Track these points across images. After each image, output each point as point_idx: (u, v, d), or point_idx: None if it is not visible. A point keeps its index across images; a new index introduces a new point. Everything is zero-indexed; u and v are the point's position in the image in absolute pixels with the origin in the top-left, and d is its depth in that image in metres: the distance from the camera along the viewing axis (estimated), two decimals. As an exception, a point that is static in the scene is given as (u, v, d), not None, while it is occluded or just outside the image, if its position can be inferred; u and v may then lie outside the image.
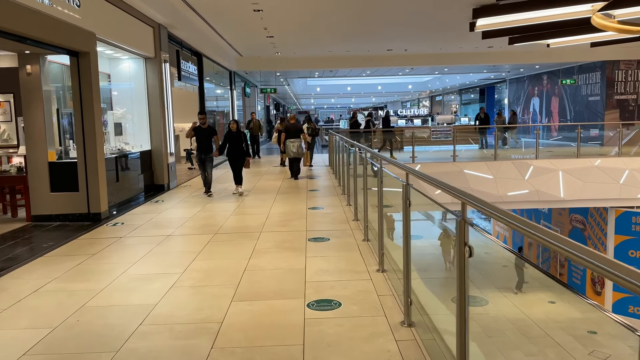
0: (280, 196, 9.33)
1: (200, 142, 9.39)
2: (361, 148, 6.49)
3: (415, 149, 15.36)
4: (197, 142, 9.46)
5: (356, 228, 6.47)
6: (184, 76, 12.19)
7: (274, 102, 41.97)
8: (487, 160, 15.22)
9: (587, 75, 21.42)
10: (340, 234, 6.15)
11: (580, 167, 14.79)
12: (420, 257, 4.92)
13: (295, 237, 6.07)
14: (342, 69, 21.77)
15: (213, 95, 17.39)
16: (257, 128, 17.94)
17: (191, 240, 6.12)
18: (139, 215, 7.77)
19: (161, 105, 10.33)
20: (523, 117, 27.52)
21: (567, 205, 15.41)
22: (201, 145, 9.40)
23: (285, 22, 12.60)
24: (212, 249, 5.63)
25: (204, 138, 9.37)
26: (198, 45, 13.89)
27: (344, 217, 7.26)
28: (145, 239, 6.22)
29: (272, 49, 17.21)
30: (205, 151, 9.41)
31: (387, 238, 4.87)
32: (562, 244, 1.51)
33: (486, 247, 4.10)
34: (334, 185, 10.69)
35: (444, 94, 40.60)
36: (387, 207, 4.84)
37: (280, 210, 7.86)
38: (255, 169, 14.51)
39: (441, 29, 14.32)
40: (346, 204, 8.25)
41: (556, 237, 1.58)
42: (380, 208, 4.75)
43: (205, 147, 9.41)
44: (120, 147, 9.19)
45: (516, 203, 15.30)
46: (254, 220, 7.10)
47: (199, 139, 9.37)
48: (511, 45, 15.84)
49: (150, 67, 10.19)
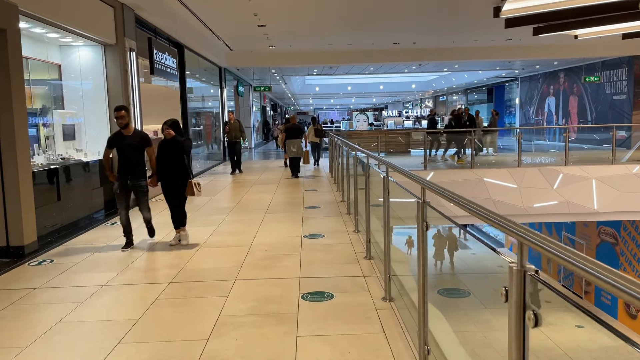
0: (270, 217, 7.44)
1: (123, 159, 5.69)
2: (379, 162, 4.58)
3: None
4: (119, 160, 5.77)
5: (370, 273, 4.58)
6: (158, 69, 10.30)
7: (271, 103, 40.06)
8: (509, 167, 13.35)
9: (611, 72, 19.56)
10: (349, 286, 4.26)
11: (615, 174, 12.92)
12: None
13: (283, 290, 4.18)
14: (343, 64, 19.87)
15: (199, 95, 15.48)
16: (236, 132, 13.08)
17: (127, 298, 4.21)
18: (80, 247, 5.87)
19: (125, 103, 8.44)
20: (537, 117, 25.66)
21: (601, 218, 13.53)
22: (125, 164, 5.68)
23: (277, 6, 10.72)
24: (154, 317, 3.73)
25: (128, 152, 5.66)
26: (178, 34, 12.01)
27: (351, 251, 5.37)
28: (67, 292, 4.33)
29: (266, 42, 15.31)
30: (133, 174, 5.69)
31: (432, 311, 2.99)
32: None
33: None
34: (336, 200, 8.80)
35: (449, 94, 38.79)
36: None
37: (266, 240, 5.96)
38: (247, 176, 12.61)
39: (458, 17, 12.45)
40: (353, 229, 6.36)
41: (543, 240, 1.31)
42: (423, 260, 2.86)
43: (131, 167, 5.68)
44: (67, 155, 7.30)
45: (544, 216, 13.43)
46: (228, 258, 5.20)
47: (121, 154, 5.70)
48: (530, 39, 14.07)
49: (110, 56, 8.31)
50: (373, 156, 4.79)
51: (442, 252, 5.11)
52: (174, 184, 5.79)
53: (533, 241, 1.52)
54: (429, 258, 2.88)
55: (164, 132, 5.71)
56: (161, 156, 5.75)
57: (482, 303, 4.20)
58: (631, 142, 17.61)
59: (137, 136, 5.79)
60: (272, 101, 40.12)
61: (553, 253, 1.36)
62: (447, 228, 4.24)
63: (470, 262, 4.50)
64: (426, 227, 2.56)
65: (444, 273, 4.40)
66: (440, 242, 4.87)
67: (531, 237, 1.53)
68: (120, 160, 5.76)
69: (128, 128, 5.70)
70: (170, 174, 5.76)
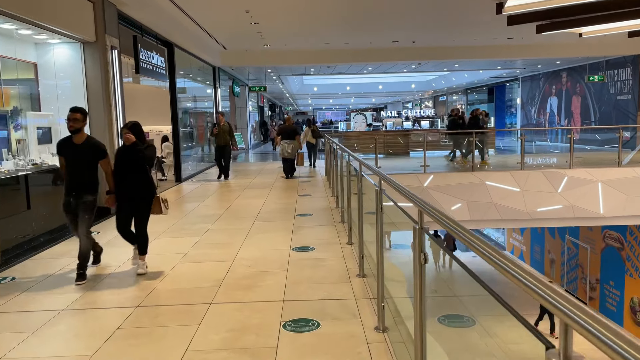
0: (258, 225, 6.94)
1: (69, 172, 4.75)
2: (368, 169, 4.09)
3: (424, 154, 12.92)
4: (65, 172, 4.81)
5: (363, 295, 4.09)
6: (144, 68, 9.80)
7: (269, 103, 39.53)
8: (511, 169, 12.86)
9: (615, 72, 19.06)
10: (338, 311, 3.77)
11: (622, 177, 12.43)
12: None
13: (263, 317, 3.69)
14: (340, 64, 19.37)
15: (191, 95, 14.97)
16: (225, 135, 11.90)
17: (85, 327, 3.70)
18: (47, 262, 5.38)
19: (106, 104, 7.96)
20: (538, 118, 25.17)
21: (608, 223, 13.06)
22: (72, 178, 4.74)
23: (270, 3, 10.23)
24: (110, 353, 3.22)
25: (76, 165, 4.73)
26: (167, 32, 11.51)
27: (342, 267, 4.88)
28: (20, 318, 3.83)
29: (260, 40, 14.82)
30: (79, 189, 4.70)
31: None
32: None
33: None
34: (330, 206, 8.31)
35: (448, 94, 38.31)
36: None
37: (251, 254, 5.47)
38: (241, 180, 12.12)
39: (458, 14, 11.96)
40: (346, 241, 5.87)
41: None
42: (421, 301, 2.38)
43: (78, 183, 4.71)
44: (41, 160, 6.81)
45: (548, 220, 12.95)
46: (206, 276, 4.71)
47: (68, 166, 4.77)
48: (533, 37, 13.57)
49: (90, 54, 7.81)
50: (366, 165, 4.30)
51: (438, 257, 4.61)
52: (133, 198, 4.81)
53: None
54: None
55: (122, 137, 4.82)
56: (119, 166, 4.82)
57: (487, 332, 3.72)
58: (636, 143, 17.14)
59: (89, 146, 4.75)
60: (270, 101, 39.60)
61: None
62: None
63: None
64: (424, 259, 2.07)
65: (445, 295, 3.92)
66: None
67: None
68: (67, 173, 4.76)
69: (80, 135, 4.73)
70: (130, 189, 4.80)
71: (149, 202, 4.88)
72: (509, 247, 21.52)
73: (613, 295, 14.93)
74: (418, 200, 2.12)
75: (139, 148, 4.75)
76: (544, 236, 18.33)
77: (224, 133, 11.87)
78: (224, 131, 11.89)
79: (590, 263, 15.95)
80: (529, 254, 19.76)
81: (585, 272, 16.15)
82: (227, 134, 11.92)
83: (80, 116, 4.73)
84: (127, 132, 4.75)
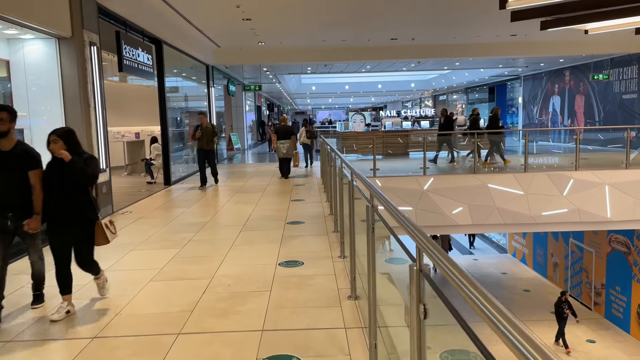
0: (245, 235, 6.43)
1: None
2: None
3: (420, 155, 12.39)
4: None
5: (354, 323, 3.58)
6: (128, 66, 9.27)
7: (267, 102, 38.99)
8: (515, 171, 12.35)
9: (620, 70, 18.54)
10: (324, 345, 3.25)
11: (630, 180, 11.94)
12: None
13: (236, 352, 3.17)
14: (337, 62, 18.85)
15: (182, 94, 14.43)
16: (209, 137, 10.77)
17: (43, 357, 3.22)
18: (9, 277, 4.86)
19: (84, 105, 7.44)
20: (540, 117, 24.65)
21: (615, 227, 12.54)
22: (3, 193, 3.87)
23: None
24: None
25: (7, 175, 3.85)
26: (155, 29, 10.97)
27: (333, 287, 4.37)
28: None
29: (254, 38, 14.31)
30: (15, 209, 3.88)
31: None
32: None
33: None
34: (324, 213, 7.79)
35: (449, 93, 37.81)
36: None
37: (233, 270, 4.95)
38: (233, 182, 11.61)
39: (460, 10, 11.46)
40: (339, 254, 5.36)
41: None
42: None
43: (9, 197, 3.88)
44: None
45: (553, 225, 12.43)
46: (179, 298, 4.19)
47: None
48: (537, 34, 13.09)
49: (66, 51, 7.29)
50: (358, 174, 3.79)
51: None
52: (67, 225, 3.89)
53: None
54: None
55: (49, 147, 3.84)
56: (48, 183, 3.90)
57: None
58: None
59: (19, 152, 3.88)
60: (267, 101, 39.07)
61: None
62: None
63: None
64: (424, 313, 1.56)
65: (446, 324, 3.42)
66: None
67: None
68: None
69: (8, 139, 3.85)
70: (62, 211, 3.89)
71: (86, 228, 3.96)
72: (511, 250, 21.01)
73: (619, 301, 14.42)
74: (417, 233, 1.61)
75: (75, 162, 3.81)
76: (547, 239, 17.82)
77: (207, 136, 10.74)
78: (207, 133, 10.73)
79: (595, 267, 15.44)
80: (531, 257, 19.26)
81: (590, 276, 15.64)
82: (210, 136, 10.78)
83: (7, 115, 3.85)
84: (55, 139, 3.82)
